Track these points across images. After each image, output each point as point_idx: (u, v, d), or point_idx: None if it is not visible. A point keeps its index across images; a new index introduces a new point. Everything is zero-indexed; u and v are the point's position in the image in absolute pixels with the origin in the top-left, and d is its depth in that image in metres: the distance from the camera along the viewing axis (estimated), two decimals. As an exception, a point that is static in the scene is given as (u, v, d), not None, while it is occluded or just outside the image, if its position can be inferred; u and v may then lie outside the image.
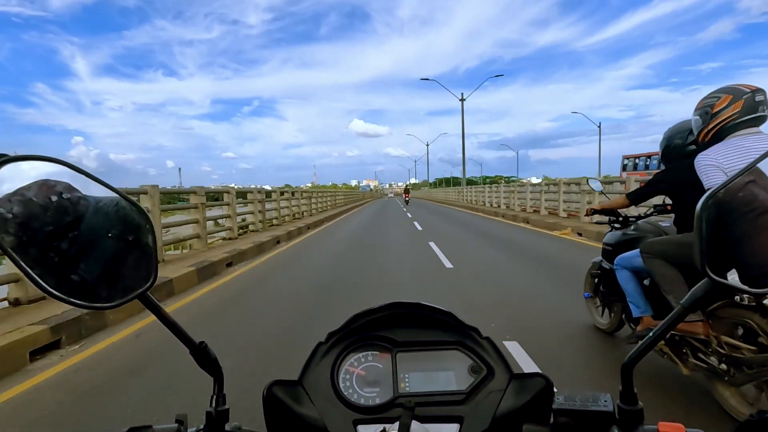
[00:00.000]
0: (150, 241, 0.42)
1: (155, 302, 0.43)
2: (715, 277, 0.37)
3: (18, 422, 2.15)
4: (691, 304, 0.39)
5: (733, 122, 1.86)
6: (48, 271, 0.34)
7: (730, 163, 1.78)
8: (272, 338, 3.25)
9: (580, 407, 0.45)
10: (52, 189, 0.35)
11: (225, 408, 0.50)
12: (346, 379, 0.58)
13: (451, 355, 0.59)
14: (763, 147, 1.77)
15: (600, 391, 0.48)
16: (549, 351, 2.80)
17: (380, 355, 0.59)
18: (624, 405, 0.44)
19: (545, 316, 3.54)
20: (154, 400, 2.31)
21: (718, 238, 0.38)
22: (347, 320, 0.61)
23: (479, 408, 0.54)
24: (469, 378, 0.57)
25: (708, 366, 2.01)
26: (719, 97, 1.90)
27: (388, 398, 0.55)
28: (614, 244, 2.75)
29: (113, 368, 2.78)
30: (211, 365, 0.49)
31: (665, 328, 0.42)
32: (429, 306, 0.61)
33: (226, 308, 4.27)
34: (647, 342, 0.43)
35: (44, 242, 0.35)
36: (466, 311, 3.64)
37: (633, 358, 0.44)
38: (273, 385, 0.55)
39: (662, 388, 2.24)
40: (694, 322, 2.02)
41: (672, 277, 2.09)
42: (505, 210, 16.36)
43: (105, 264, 0.39)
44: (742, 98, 1.84)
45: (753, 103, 1.82)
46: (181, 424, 0.47)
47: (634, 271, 2.43)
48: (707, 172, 1.82)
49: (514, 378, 0.56)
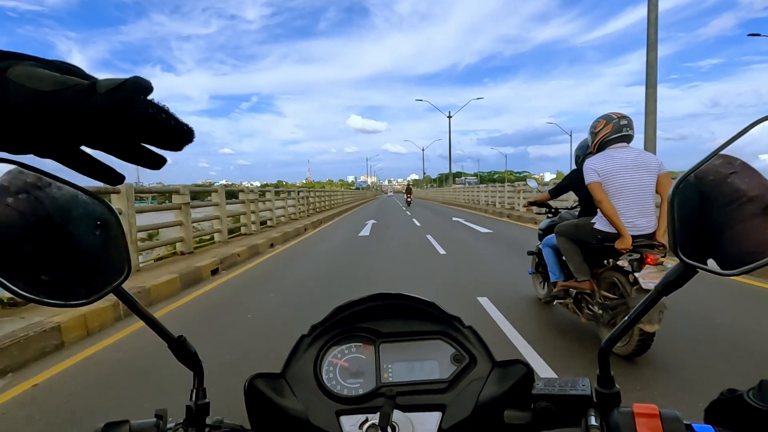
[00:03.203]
0: (119, 234, 0.41)
1: (130, 296, 0.42)
2: (686, 259, 0.37)
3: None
4: (665, 287, 0.40)
5: (607, 139, 2.64)
6: (16, 274, 0.32)
7: (601, 166, 2.56)
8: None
9: (559, 392, 0.47)
10: (9, 191, 0.33)
11: (206, 402, 0.49)
12: (330, 371, 0.57)
13: (434, 345, 0.59)
14: (626, 155, 2.55)
15: (579, 377, 0.49)
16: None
17: (364, 346, 0.59)
18: (601, 388, 0.45)
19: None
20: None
21: (689, 222, 0.37)
22: (330, 312, 0.60)
23: (461, 396, 0.54)
24: (451, 367, 0.57)
25: (593, 313, 2.79)
26: (599, 122, 2.69)
27: (370, 388, 0.55)
28: (544, 228, 3.54)
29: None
30: (190, 359, 0.48)
31: (638, 313, 0.42)
32: (411, 296, 0.60)
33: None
34: (621, 327, 0.43)
35: (8, 245, 0.32)
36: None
37: (609, 343, 0.45)
38: (255, 378, 0.55)
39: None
40: (585, 281, 2.80)
41: (571, 249, 2.87)
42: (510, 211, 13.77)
43: (75, 261, 0.37)
44: (611, 122, 2.62)
45: (619, 126, 2.61)
46: (161, 419, 0.46)
47: (553, 248, 3.20)
48: (586, 173, 2.61)
49: (495, 366, 0.56)
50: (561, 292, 3.09)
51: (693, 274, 0.38)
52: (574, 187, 3.17)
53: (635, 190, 2.52)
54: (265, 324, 3.52)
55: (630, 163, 2.53)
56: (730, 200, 0.36)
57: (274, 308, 4.00)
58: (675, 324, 3.07)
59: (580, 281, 2.81)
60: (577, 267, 2.83)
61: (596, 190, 2.54)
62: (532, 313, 3.57)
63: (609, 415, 0.44)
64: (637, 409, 0.42)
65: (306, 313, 3.65)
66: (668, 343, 2.75)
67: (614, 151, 2.60)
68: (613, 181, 2.53)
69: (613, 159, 2.56)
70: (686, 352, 2.66)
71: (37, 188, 0.35)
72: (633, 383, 2.29)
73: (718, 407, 0.40)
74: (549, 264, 3.21)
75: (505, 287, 4.40)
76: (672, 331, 2.96)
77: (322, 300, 4.13)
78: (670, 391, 2.20)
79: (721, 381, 2.24)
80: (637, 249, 2.45)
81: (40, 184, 0.35)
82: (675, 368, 2.45)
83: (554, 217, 3.56)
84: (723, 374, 2.37)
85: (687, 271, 0.38)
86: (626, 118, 2.62)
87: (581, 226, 2.82)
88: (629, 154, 2.57)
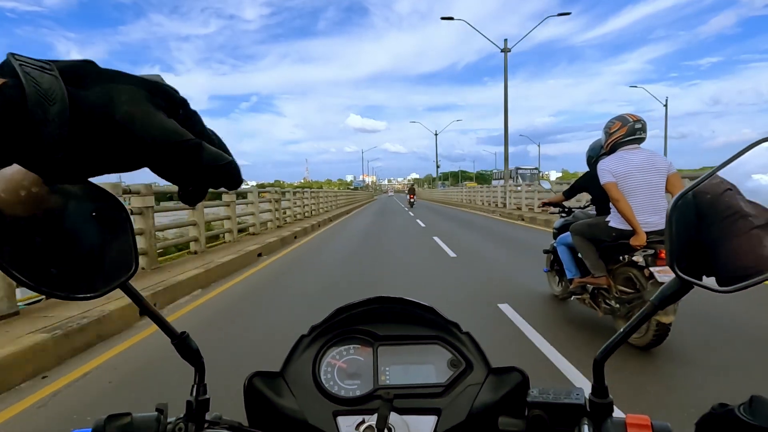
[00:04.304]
0: (128, 230, 0.42)
1: (136, 291, 0.43)
2: (683, 275, 0.37)
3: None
4: (661, 302, 0.40)
5: (621, 140, 2.78)
6: (25, 266, 0.33)
7: (615, 167, 2.71)
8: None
9: (553, 400, 0.47)
10: (20, 184, 0.32)
11: (206, 398, 0.50)
12: (328, 372, 0.58)
13: (432, 349, 0.59)
14: (638, 157, 2.70)
15: (573, 386, 0.49)
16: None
17: (362, 348, 0.60)
18: (595, 398, 0.46)
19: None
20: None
21: (686, 238, 0.38)
22: (330, 314, 0.61)
23: (457, 401, 0.55)
24: (448, 371, 0.57)
25: (610, 307, 2.93)
26: (614, 123, 2.84)
27: (368, 390, 0.56)
28: (558, 228, 3.70)
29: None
30: (192, 355, 0.49)
31: (635, 324, 0.43)
32: (410, 301, 0.61)
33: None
34: (617, 338, 0.44)
35: (18, 238, 0.33)
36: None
37: (604, 354, 0.45)
38: (253, 377, 0.55)
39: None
40: (602, 277, 2.95)
41: (586, 247, 3.02)
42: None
43: (83, 255, 0.38)
44: (627, 125, 2.76)
45: (633, 129, 2.75)
46: (161, 413, 0.47)
47: (568, 247, 3.35)
48: (601, 175, 2.75)
49: (491, 372, 0.57)
50: (578, 289, 3.23)
51: (689, 289, 0.39)
52: (588, 187, 3.32)
53: (647, 189, 2.67)
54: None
55: (642, 164, 2.68)
56: (726, 216, 0.36)
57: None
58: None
59: (597, 277, 2.96)
60: (593, 263, 2.98)
61: (612, 190, 2.68)
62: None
63: (602, 425, 0.45)
64: (630, 419, 0.44)
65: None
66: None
67: (626, 152, 2.75)
68: (627, 182, 2.68)
69: (625, 160, 2.72)
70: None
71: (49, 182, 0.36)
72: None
73: (709, 421, 0.40)
74: (565, 262, 3.36)
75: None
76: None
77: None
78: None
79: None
80: (651, 245, 2.60)
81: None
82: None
83: (568, 217, 3.71)
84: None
85: (683, 287, 0.39)
86: (641, 121, 2.77)
87: (596, 224, 2.97)
88: (640, 156, 2.72)
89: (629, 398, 2.11)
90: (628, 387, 2.22)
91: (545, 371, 2.48)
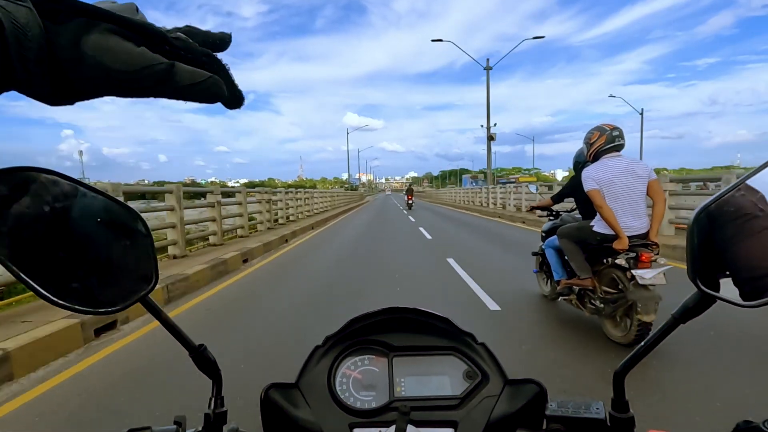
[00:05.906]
0: (148, 244, 0.42)
1: (156, 305, 0.43)
2: (705, 288, 0.36)
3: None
4: (682, 315, 0.40)
5: (601, 149, 2.91)
6: (48, 280, 0.34)
7: (598, 174, 2.84)
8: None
9: (573, 414, 0.46)
10: (43, 199, 0.34)
11: (223, 410, 0.50)
12: (343, 383, 0.58)
13: (447, 361, 0.59)
14: (620, 164, 2.83)
15: (593, 399, 0.48)
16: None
17: (377, 359, 0.60)
18: (615, 413, 0.44)
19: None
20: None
21: (708, 251, 0.37)
22: (344, 324, 0.61)
23: (473, 413, 0.54)
24: (463, 383, 0.57)
25: (595, 307, 3.06)
26: (593, 134, 2.98)
27: (383, 402, 0.55)
28: (546, 231, 3.83)
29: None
30: (210, 368, 0.49)
31: (655, 338, 0.42)
32: (425, 311, 0.61)
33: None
34: (639, 351, 0.43)
35: (41, 253, 0.34)
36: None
37: (625, 367, 0.44)
38: (270, 388, 0.55)
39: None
40: (587, 279, 3.08)
41: (573, 250, 3.15)
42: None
43: (104, 269, 0.38)
44: (605, 134, 2.90)
45: (612, 137, 2.89)
46: (180, 426, 0.47)
47: (556, 249, 3.48)
48: (585, 182, 2.89)
49: (508, 384, 0.56)
50: (565, 290, 3.36)
51: (711, 303, 0.38)
52: (574, 192, 3.45)
53: (629, 195, 2.80)
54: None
55: (623, 171, 2.81)
56: (749, 230, 0.35)
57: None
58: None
59: (583, 278, 3.09)
60: (579, 266, 3.10)
61: (596, 197, 2.81)
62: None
63: None
64: None
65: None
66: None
67: (609, 160, 2.88)
68: (610, 188, 2.81)
69: (608, 167, 2.84)
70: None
71: (71, 197, 0.36)
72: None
73: None
74: (552, 264, 3.49)
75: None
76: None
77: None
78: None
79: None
80: (633, 248, 2.73)
81: (73, 194, 0.37)
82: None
83: (556, 220, 3.84)
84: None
85: (704, 300, 0.38)
86: (617, 129, 2.90)
87: (582, 228, 3.10)
88: (622, 163, 2.85)
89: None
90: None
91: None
